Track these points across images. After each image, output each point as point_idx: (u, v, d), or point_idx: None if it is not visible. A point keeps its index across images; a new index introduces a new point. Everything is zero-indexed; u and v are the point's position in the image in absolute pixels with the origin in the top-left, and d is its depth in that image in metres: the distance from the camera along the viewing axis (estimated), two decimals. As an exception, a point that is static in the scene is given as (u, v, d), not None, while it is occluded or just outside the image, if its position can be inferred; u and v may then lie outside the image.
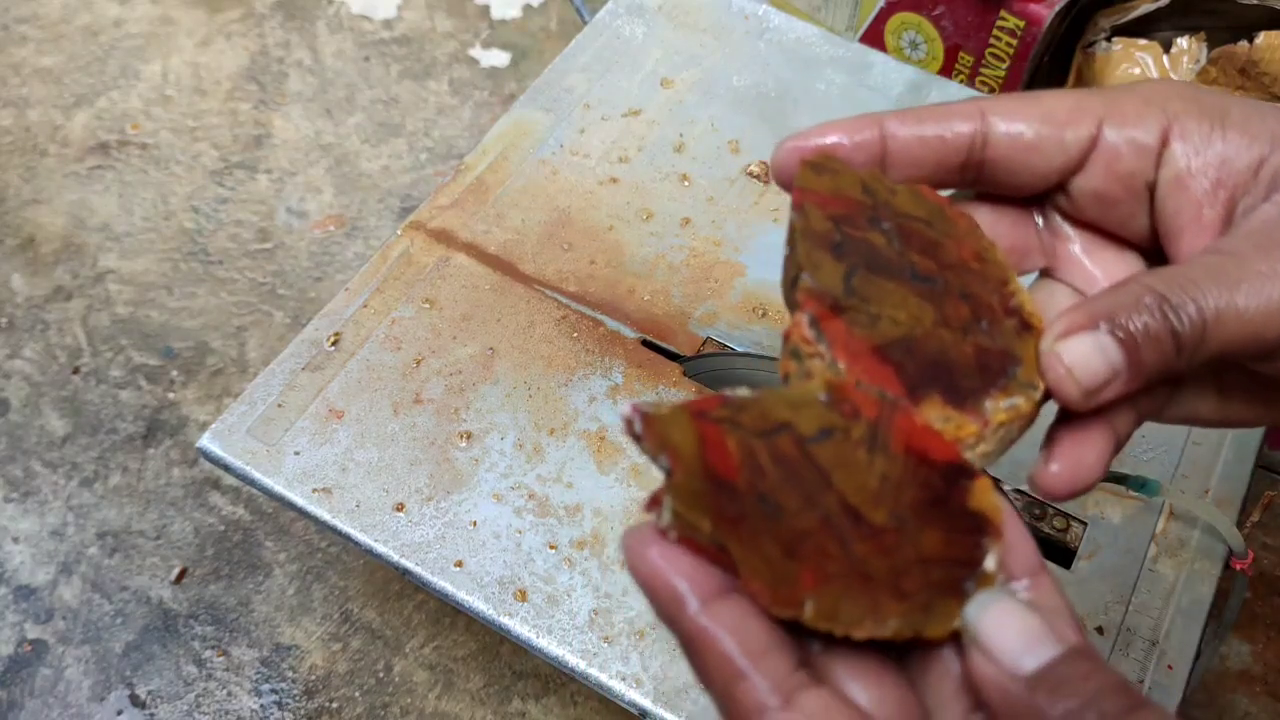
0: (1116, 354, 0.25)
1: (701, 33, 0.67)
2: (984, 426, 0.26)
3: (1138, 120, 0.28)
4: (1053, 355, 0.25)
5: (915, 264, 0.28)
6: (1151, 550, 0.50)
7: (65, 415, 0.74)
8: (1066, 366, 0.25)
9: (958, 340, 0.27)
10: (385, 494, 0.50)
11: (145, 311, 0.79)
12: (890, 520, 0.24)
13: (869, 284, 0.27)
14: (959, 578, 0.24)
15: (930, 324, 0.27)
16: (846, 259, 0.27)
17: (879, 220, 0.28)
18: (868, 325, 0.27)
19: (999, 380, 0.26)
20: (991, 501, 0.25)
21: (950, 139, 0.28)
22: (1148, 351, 0.25)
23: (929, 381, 0.26)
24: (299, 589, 0.67)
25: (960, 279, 0.28)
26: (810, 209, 0.28)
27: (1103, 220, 0.29)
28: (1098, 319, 0.25)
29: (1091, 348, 0.25)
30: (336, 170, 0.86)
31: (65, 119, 0.89)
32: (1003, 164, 0.28)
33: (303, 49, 0.94)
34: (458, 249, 0.58)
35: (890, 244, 0.28)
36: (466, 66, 0.93)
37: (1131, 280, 0.26)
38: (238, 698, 0.64)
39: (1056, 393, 0.26)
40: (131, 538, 0.69)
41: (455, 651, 0.65)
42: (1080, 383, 0.25)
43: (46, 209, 0.84)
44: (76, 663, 0.65)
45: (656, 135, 0.63)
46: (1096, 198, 0.28)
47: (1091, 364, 0.25)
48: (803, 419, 0.25)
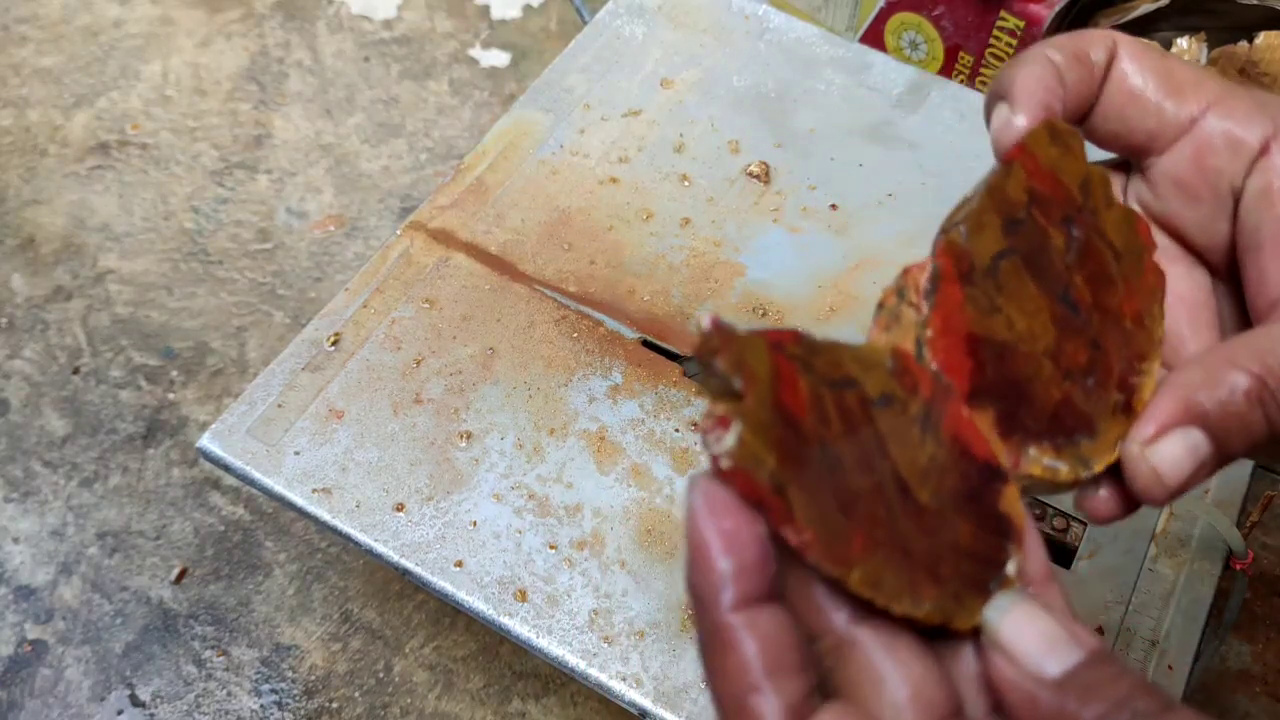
0: (1206, 448, 0.24)
1: (701, 33, 0.67)
2: (1014, 467, 0.25)
3: (1245, 118, 0.26)
4: (1141, 462, 0.24)
5: (1072, 287, 0.26)
6: (1151, 550, 0.50)
7: (65, 415, 0.74)
8: (1156, 471, 0.24)
9: (1053, 379, 0.25)
10: (385, 494, 0.50)
11: (145, 312, 0.79)
12: (933, 502, 0.23)
13: (1015, 276, 0.25)
14: (985, 575, 0.23)
15: (1042, 349, 0.25)
16: (1012, 239, 0.25)
17: (1072, 223, 0.26)
18: (983, 311, 0.25)
19: (1060, 438, 0.25)
20: (1018, 509, 0.24)
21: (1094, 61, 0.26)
22: (1236, 441, 0.24)
23: (995, 397, 0.25)
24: (299, 589, 0.67)
25: (1103, 327, 0.26)
26: (1017, 170, 0.26)
27: (1181, 216, 0.27)
28: (1192, 416, 0.24)
29: (1183, 449, 0.24)
30: (336, 170, 0.86)
31: (65, 119, 0.89)
32: (1107, 103, 0.27)
33: (303, 49, 0.94)
34: (458, 249, 0.58)
35: (1065, 253, 0.26)
36: (466, 67, 0.93)
37: (1223, 355, 0.24)
38: (238, 698, 0.64)
39: (1141, 495, 0.25)
40: (131, 538, 0.69)
41: (455, 652, 0.65)
42: (1166, 485, 0.24)
43: (46, 209, 0.84)
44: (76, 663, 0.65)
45: (656, 135, 0.63)
46: (1177, 186, 0.27)
47: (1181, 465, 0.24)
48: (870, 379, 0.24)
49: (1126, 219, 0.26)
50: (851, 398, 0.23)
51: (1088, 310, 0.26)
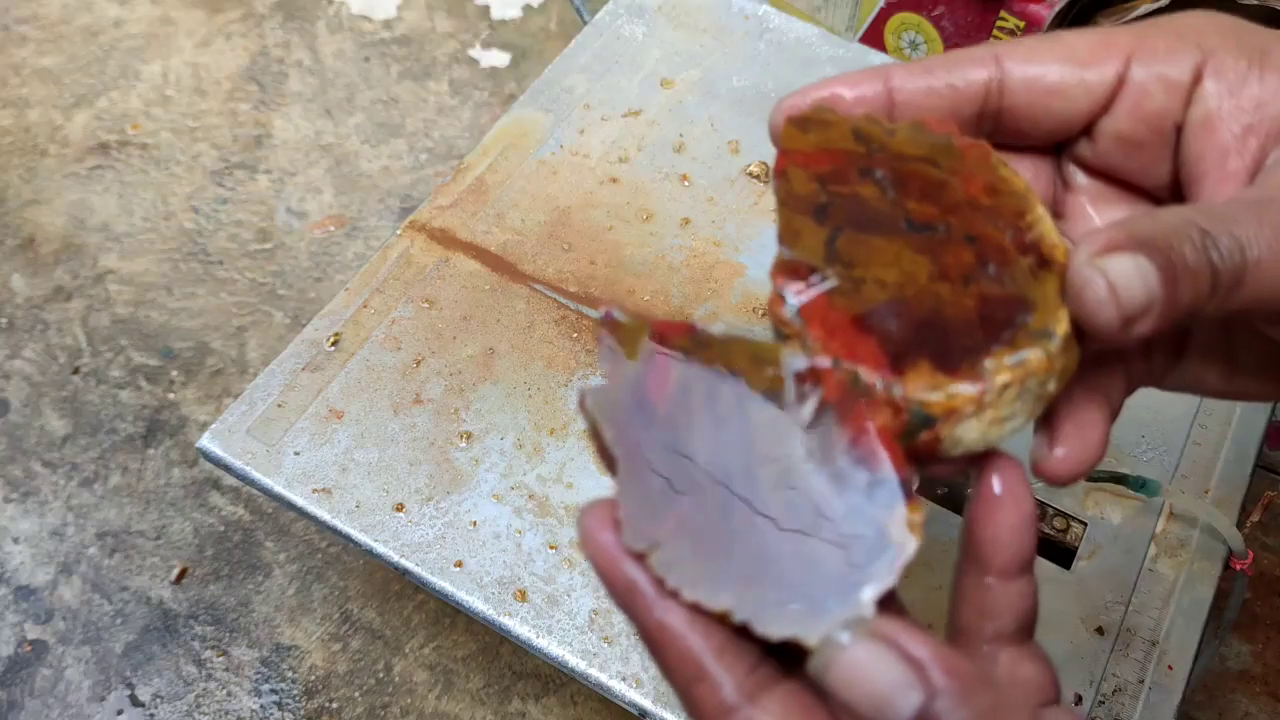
0: (1156, 283, 0.22)
1: (701, 33, 0.67)
2: (983, 391, 0.22)
3: (1169, 56, 0.25)
4: (1092, 270, 0.22)
5: (911, 212, 0.25)
6: (1151, 550, 0.50)
7: (65, 415, 0.74)
8: (1110, 282, 0.22)
9: (957, 293, 0.23)
10: (385, 494, 0.50)
11: (145, 312, 0.79)
12: (785, 506, 0.22)
13: (855, 245, 0.24)
14: (824, 593, 0.21)
15: (925, 279, 0.24)
16: (830, 221, 0.25)
17: (872, 169, 0.25)
18: (849, 292, 0.24)
19: (1004, 332, 0.23)
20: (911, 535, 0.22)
21: (963, 88, 0.26)
22: (1185, 286, 0.22)
23: (917, 346, 0.23)
24: (299, 589, 0.67)
25: (966, 220, 0.24)
26: (793, 172, 0.25)
27: (1123, 167, 0.27)
28: (1139, 242, 0.22)
29: (1133, 270, 0.22)
30: (336, 170, 0.86)
31: (65, 119, 0.89)
32: (1022, 111, 0.26)
33: (303, 49, 0.94)
34: (458, 249, 0.58)
35: (884, 194, 0.25)
36: (466, 67, 0.93)
37: (1169, 210, 0.23)
38: (237, 698, 0.64)
39: (1091, 316, 0.22)
40: (131, 538, 0.69)
41: (455, 652, 0.65)
42: (1122, 304, 0.22)
43: (46, 209, 0.84)
44: (76, 663, 0.65)
45: (656, 135, 0.63)
46: (1120, 141, 0.26)
47: (1133, 287, 0.22)
48: (756, 375, 0.23)
49: (914, 128, 0.26)
50: (728, 391, 0.23)
51: (940, 219, 0.24)
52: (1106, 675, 0.47)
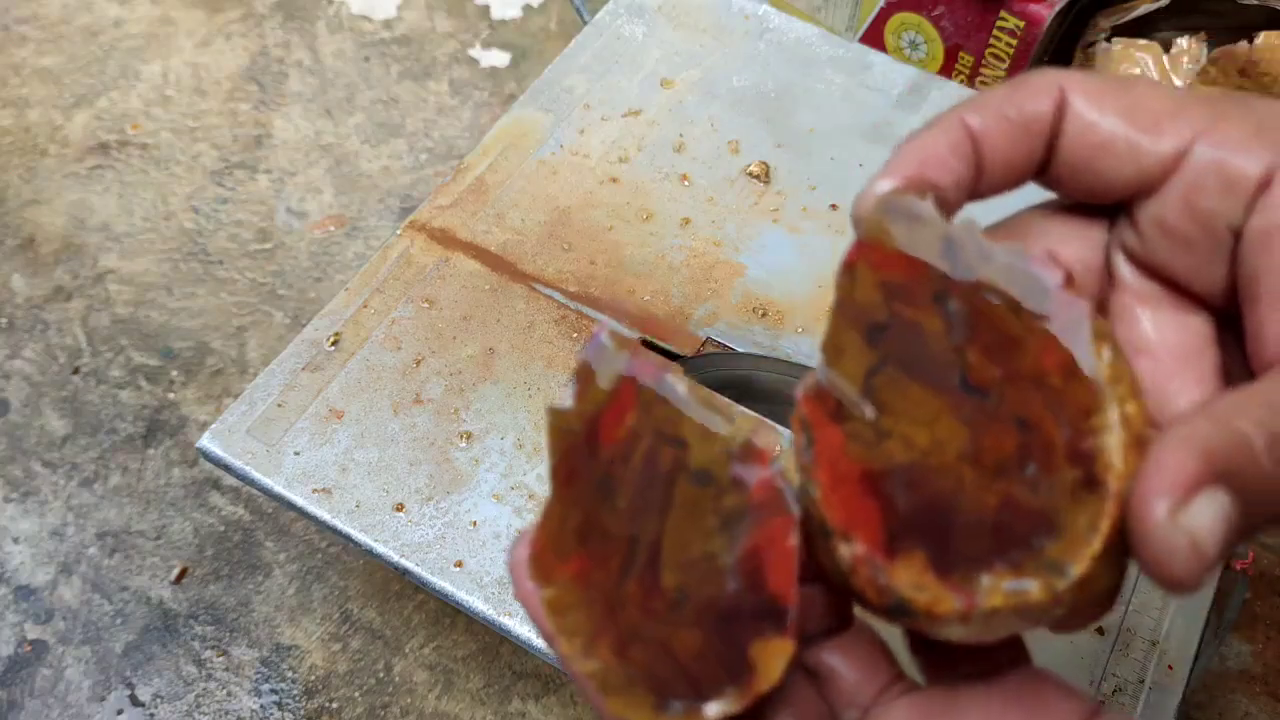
0: (1235, 516, 0.19)
1: (701, 33, 0.67)
2: (969, 608, 0.20)
3: (1240, 146, 0.22)
4: (1176, 533, 0.18)
5: (970, 366, 0.21)
6: (1151, 550, 0.50)
7: (65, 415, 0.74)
8: (1194, 544, 0.18)
9: (982, 484, 0.20)
10: (385, 494, 0.50)
11: (145, 312, 0.79)
12: (675, 590, 0.22)
13: (896, 387, 0.21)
14: (675, 690, 0.21)
15: (955, 455, 0.21)
16: (881, 347, 0.22)
17: (946, 296, 0.21)
18: (871, 442, 0.21)
19: (1015, 551, 0.20)
20: (772, 667, 0.21)
21: (1035, 127, 0.23)
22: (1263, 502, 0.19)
23: (917, 533, 0.20)
24: (299, 589, 0.67)
25: (1025, 398, 0.20)
26: (862, 271, 0.22)
27: (1170, 265, 0.23)
28: (1216, 472, 0.18)
29: (1215, 516, 0.18)
30: (336, 170, 0.86)
31: (65, 119, 0.89)
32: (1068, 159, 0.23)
33: (303, 49, 0.94)
34: (457, 249, 0.58)
35: (948, 333, 0.21)
36: (466, 67, 0.93)
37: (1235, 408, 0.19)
38: (238, 698, 0.64)
39: (1171, 579, 0.18)
40: (131, 538, 0.69)
41: (455, 652, 0.65)
42: (1205, 560, 0.18)
43: (46, 209, 0.84)
44: (76, 663, 0.65)
45: (656, 135, 0.63)
46: (1166, 233, 0.23)
47: (1216, 534, 0.18)
48: (699, 449, 0.23)
49: (1013, 255, 0.21)
50: (667, 456, 0.22)
51: (997, 387, 0.21)
52: (1106, 675, 0.47)
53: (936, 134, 0.23)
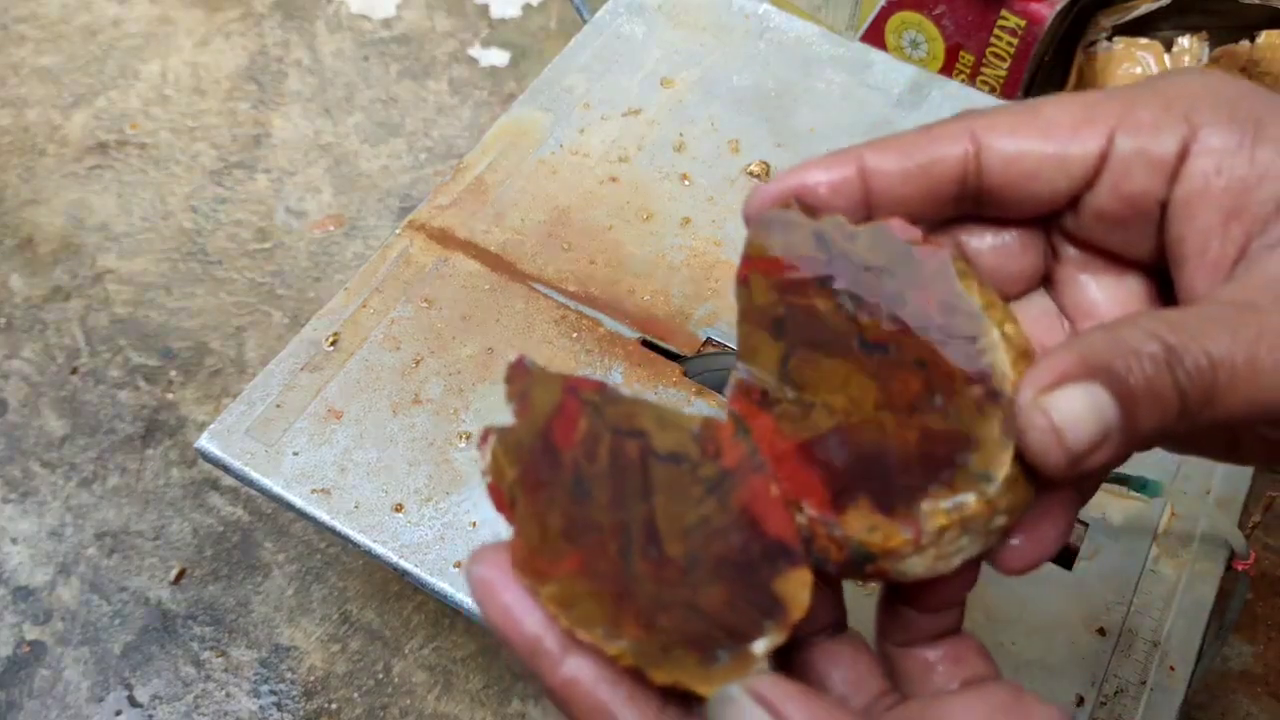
0: (1112, 412, 0.20)
1: (701, 32, 0.67)
2: (918, 535, 0.22)
3: (1154, 130, 0.23)
4: (1036, 410, 0.20)
5: (865, 330, 0.23)
6: (1153, 551, 0.50)
7: (64, 416, 0.74)
8: (1055, 424, 0.20)
9: (901, 424, 0.22)
10: (384, 495, 0.50)
11: (144, 312, 0.79)
12: (684, 558, 0.22)
13: (807, 365, 0.24)
14: (716, 641, 0.22)
15: (871, 406, 0.23)
16: (786, 337, 0.24)
17: (830, 279, 0.24)
18: (798, 418, 0.23)
19: (943, 472, 0.22)
20: (799, 596, 0.22)
21: (938, 170, 0.24)
22: (1146, 412, 0.20)
23: (858, 483, 0.23)
24: (298, 590, 0.67)
25: (918, 341, 0.23)
26: (755, 280, 0.24)
27: (1108, 241, 0.25)
28: (1093, 368, 0.20)
29: (1084, 404, 0.20)
30: (336, 170, 0.86)
31: (64, 119, 0.89)
32: (1002, 193, 0.24)
33: (302, 48, 0.93)
34: (457, 249, 0.58)
35: (840, 308, 0.23)
36: (466, 66, 0.92)
37: (1130, 321, 0.21)
38: (236, 699, 0.63)
39: (1036, 458, 0.21)
40: (130, 538, 0.69)
41: (455, 652, 0.64)
42: (1069, 446, 0.20)
43: (45, 209, 0.84)
44: (75, 664, 0.65)
45: (656, 135, 0.62)
46: (1103, 218, 0.24)
47: (1083, 424, 0.20)
48: (661, 436, 0.24)
49: (875, 233, 0.24)
50: (632, 446, 0.23)
51: (892, 338, 0.23)
52: (1108, 676, 0.47)
53: (827, 164, 0.25)
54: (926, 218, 0.25)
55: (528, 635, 0.21)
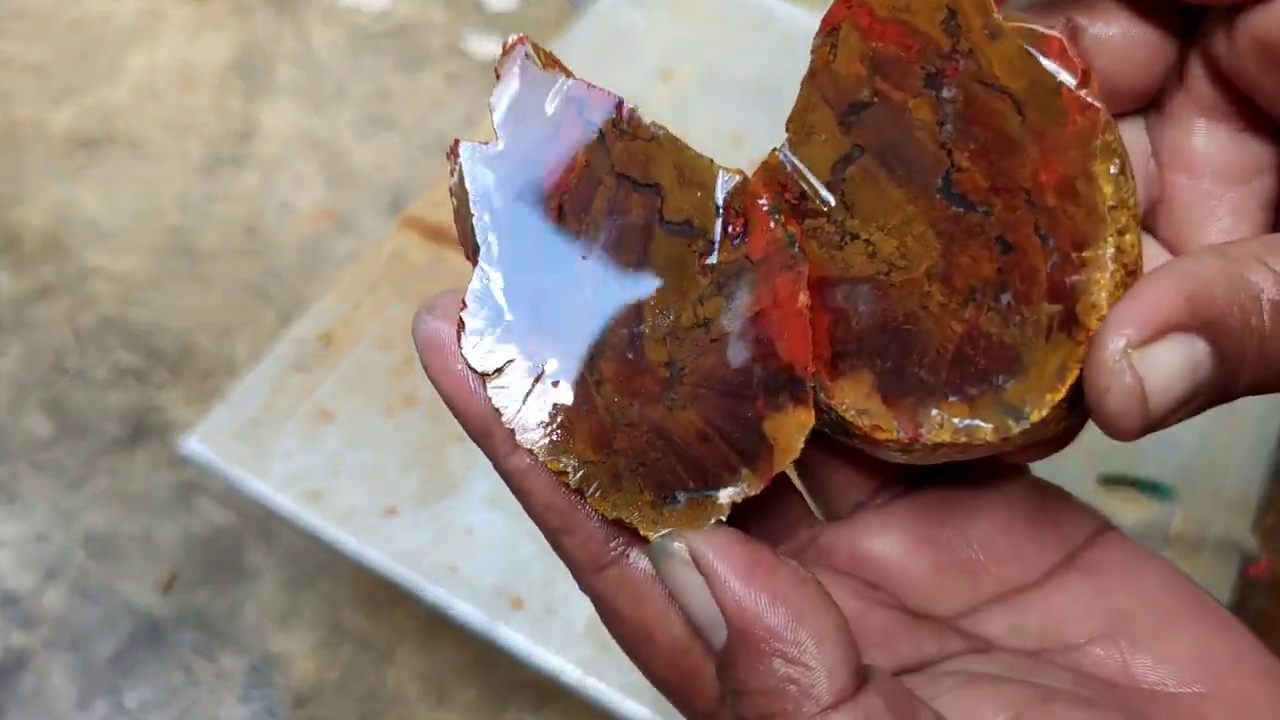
0: (1209, 372, 0.16)
1: (702, 22, 0.66)
2: (913, 439, 0.18)
3: None
4: (1124, 367, 0.16)
5: (957, 169, 0.18)
6: (1166, 556, 0.49)
7: (51, 417, 0.73)
8: (1140, 388, 0.16)
9: (948, 308, 0.18)
10: (377, 498, 0.49)
11: (132, 310, 0.77)
12: (664, 368, 0.19)
13: (869, 182, 0.19)
14: (678, 479, 0.18)
15: (923, 271, 0.18)
16: (857, 132, 0.19)
17: (941, 79, 0.18)
18: (832, 244, 0.19)
19: (972, 386, 0.18)
20: (792, 442, 0.18)
21: None
22: (1249, 373, 0.17)
23: (868, 353, 0.19)
24: (288, 595, 0.66)
25: (1014, 215, 0.18)
26: (846, 36, 0.19)
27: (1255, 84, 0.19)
28: (1202, 317, 0.16)
29: (1181, 362, 0.16)
30: (327, 165, 0.85)
31: (51, 114, 0.88)
32: None
33: (293, 41, 0.92)
34: (451, 245, 0.57)
35: (937, 126, 0.18)
36: (461, 59, 0.91)
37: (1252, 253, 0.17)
38: (226, 705, 0.62)
39: (1108, 418, 0.17)
40: (118, 542, 0.68)
41: (449, 661, 0.63)
42: (1152, 411, 0.16)
43: (32, 206, 0.82)
44: (62, 670, 0.63)
45: (655, 129, 0.61)
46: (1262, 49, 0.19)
47: (1175, 386, 0.16)
48: (676, 196, 0.19)
49: (1023, 44, 0.18)
50: (638, 203, 0.19)
51: (984, 197, 0.18)
52: (1121, 685, 0.46)
53: None
54: None
55: (479, 416, 0.19)
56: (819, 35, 0.19)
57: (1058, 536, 0.21)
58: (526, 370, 0.19)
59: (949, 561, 0.20)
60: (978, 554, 0.20)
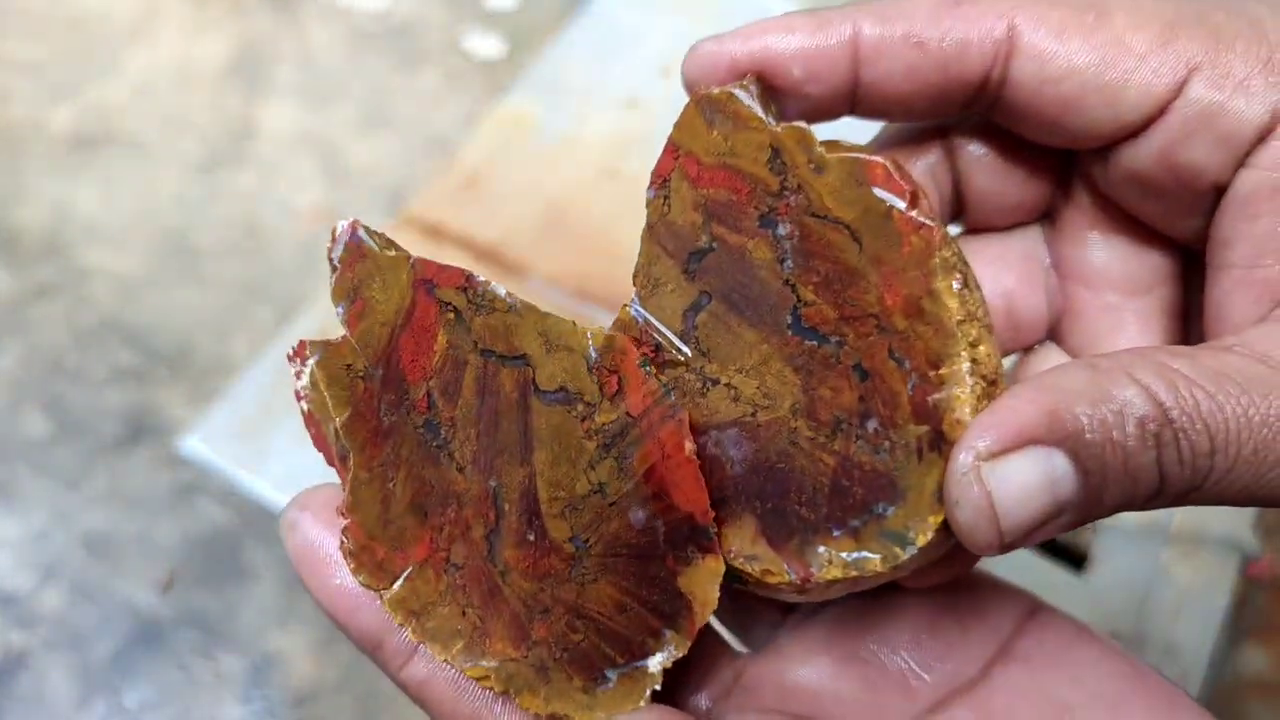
0: (1071, 489, 0.16)
1: (702, 18, 0.65)
2: (804, 580, 0.18)
3: (1244, 84, 0.17)
4: (972, 480, 0.16)
5: (804, 304, 0.18)
6: (1165, 555, 0.49)
7: (49, 416, 0.72)
8: (990, 503, 0.16)
9: (819, 442, 0.18)
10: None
11: (131, 310, 0.77)
12: (569, 543, 0.18)
13: (720, 327, 0.18)
14: (605, 658, 0.18)
15: (787, 408, 0.18)
16: (701, 280, 0.19)
17: (775, 218, 0.18)
18: (694, 392, 0.19)
19: (854, 518, 0.17)
20: (708, 593, 0.18)
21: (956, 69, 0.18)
22: (1113, 492, 0.16)
23: (747, 499, 0.18)
24: (288, 595, 0.65)
25: (866, 342, 0.17)
26: (679, 185, 0.19)
27: (1134, 206, 0.19)
28: (1061, 430, 0.15)
29: (1037, 477, 0.15)
30: (326, 164, 0.85)
31: (49, 112, 0.87)
32: (1025, 111, 0.18)
33: (291, 40, 0.92)
34: (450, 243, 0.56)
35: (778, 264, 0.18)
36: (460, 57, 0.91)
37: (1123, 366, 0.16)
38: (225, 705, 0.62)
39: (962, 533, 0.16)
40: (117, 542, 0.68)
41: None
42: (1006, 529, 0.16)
43: (29, 205, 0.82)
44: (60, 670, 0.63)
45: (656, 126, 0.61)
46: (1136, 181, 0.19)
47: (1030, 502, 0.15)
48: (548, 364, 0.18)
49: (849, 174, 0.18)
50: (509, 377, 0.18)
51: (835, 327, 0.18)
52: (1122, 685, 0.46)
53: (811, 26, 0.19)
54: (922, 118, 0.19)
55: (367, 630, 0.18)
56: (651, 188, 0.20)
57: (985, 629, 0.20)
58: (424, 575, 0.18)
59: (879, 677, 0.19)
60: (907, 663, 0.19)
